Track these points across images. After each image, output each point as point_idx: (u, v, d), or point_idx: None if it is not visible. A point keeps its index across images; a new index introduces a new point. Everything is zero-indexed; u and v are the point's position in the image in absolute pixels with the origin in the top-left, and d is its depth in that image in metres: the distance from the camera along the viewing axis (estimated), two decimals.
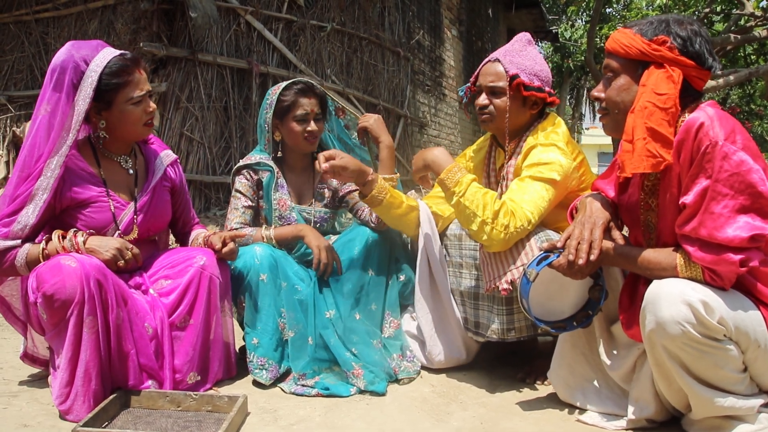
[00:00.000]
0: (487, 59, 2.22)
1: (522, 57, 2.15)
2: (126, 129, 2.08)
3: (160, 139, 2.35)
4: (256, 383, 2.16)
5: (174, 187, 2.30)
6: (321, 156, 2.14)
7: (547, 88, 2.16)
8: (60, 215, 2.04)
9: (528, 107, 2.17)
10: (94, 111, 2.03)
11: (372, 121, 2.45)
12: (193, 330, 2.06)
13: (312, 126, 2.38)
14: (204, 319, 2.07)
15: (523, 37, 2.23)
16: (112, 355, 1.90)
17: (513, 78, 2.11)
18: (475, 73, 2.24)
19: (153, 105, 2.11)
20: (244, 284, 2.19)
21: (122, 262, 1.97)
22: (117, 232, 2.08)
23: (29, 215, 1.94)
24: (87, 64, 1.97)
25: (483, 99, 2.18)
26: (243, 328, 2.24)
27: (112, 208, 2.07)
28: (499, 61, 2.16)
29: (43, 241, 1.95)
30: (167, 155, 2.29)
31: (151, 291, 2.08)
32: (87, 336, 1.83)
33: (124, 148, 2.16)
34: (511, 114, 2.15)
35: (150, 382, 1.97)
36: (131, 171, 2.16)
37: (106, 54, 2.00)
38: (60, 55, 1.99)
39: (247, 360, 2.17)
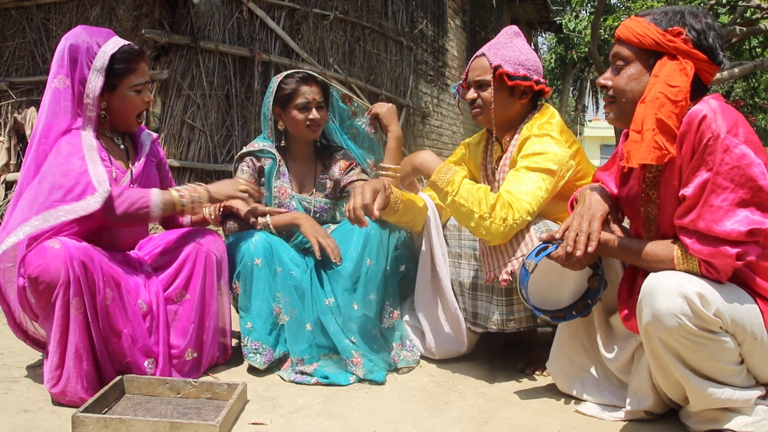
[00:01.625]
0: (474, 55, 2.23)
1: (507, 48, 2.16)
2: (124, 114, 2.13)
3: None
4: (252, 369, 2.17)
5: (159, 163, 2.36)
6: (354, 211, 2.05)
7: (535, 76, 2.15)
8: None
9: (516, 97, 2.16)
10: (100, 92, 2.08)
11: (385, 109, 2.52)
12: (189, 305, 2.09)
13: (314, 114, 2.38)
14: (200, 294, 2.10)
15: (510, 29, 2.23)
16: (104, 335, 1.91)
17: (496, 69, 2.11)
18: (465, 70, 2.26)
19: (150, 96, 2.18)
20: (239, 269, 2.21)
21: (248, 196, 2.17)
22: None
23: (99, 171, 1.97)
24: (99, 47, 2.06)
25: (471, 93, 2.20)
26: (239, 313, 2.25)
27: (114, 174, 2.11)
28: (484, 55, 2.17)
29: (172, 189, 2.08)
30: (149, 134, 2.35)
31: (145, 267, 2.11)
32: (75, 317, 1.84)
33: (116, 129, 2.22)
34: (500, 105, 2.15)
35: (146, 362, 1.99)
36: (122, 147, 2.22)
37: (117, 41, 2.10)
38: (74, 36, 2.06)
39: (242, 344, 2.18)
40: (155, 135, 2.37)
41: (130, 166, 2.20)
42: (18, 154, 4.63)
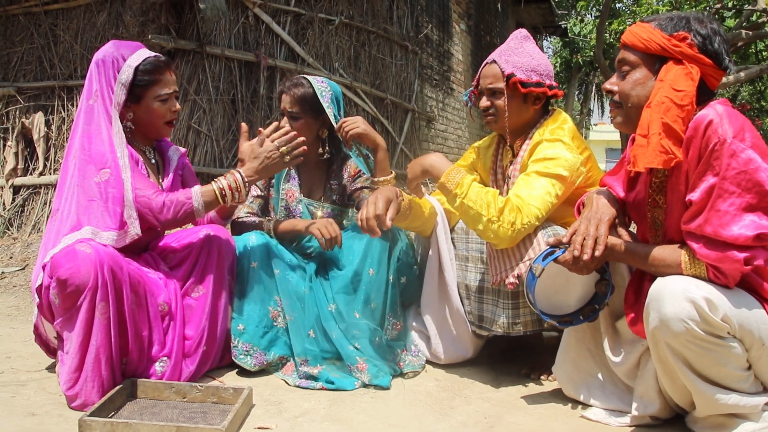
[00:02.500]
0: (485, 61, 2.22)
1: (518, 54, 2.15)
2: (151, 123, 2.20)
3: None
4: (258, 373, 2.17)
5: (186, 175, 2.41)
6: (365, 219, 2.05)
7: (547, 81, 2.15)
8: None
9: (530, 103, 2.16)
10: (125, 104, 2.15)
11: (363, 125, 2.30)
12: (204, 299, 2.14)
13: (283, 122, 2.39)
14: (214, 288, 2.15)
15: (519, 33, 2.22)
16: (127, 342, 1.95)
17: (509, 77, 2.11)
18: (476, 76, 2.25)
19: (178, 105, 2.24)
20: (236, 271, 2.22)
21: (287, 158, 2.11)
22: None
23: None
24: (124, 60, 2.12)
25: (484, 101, 2.19)
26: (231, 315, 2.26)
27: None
28: (495, 62, 2.16)
29: (213, 182, 2.09)
30: (177, 149, 2.41)
31: (162, 266, 2.17)
32: (99, 321, 1.87)
33: (148, 141, 2.29)
34: (514, 112, 2.14)
35: (159, 363, 2.03)
36: (153, 161, 2.29)
37: (142, 53, 2.16)
38: (102, 51, 2.15)
39: (232, 345, 2.18)
40: (183, 150, 2.43)
41: (160, 180, 2.27)
42: (26, 159, 4.66)
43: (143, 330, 2.00)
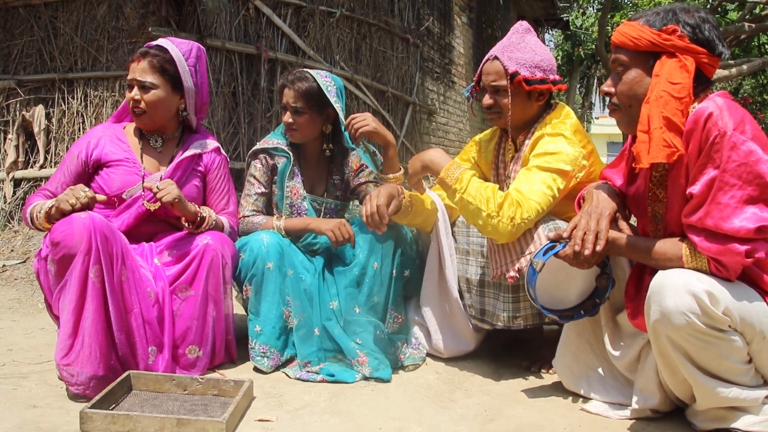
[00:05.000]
0: (486, 57, 2.18)
1: (521, 50, 2.11)
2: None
3: (210, 133, 2.44)
4: (257, 369, 2.17)
5: (207, 174, 2.34)
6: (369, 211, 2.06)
7: (551, 77, 2.12)
8: (89, 178, 2.21)
9: (534, 99, 2.14)
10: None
11: (373, 123, 2.22)
12: (193, 301, 2.09)
13: (287, 117, 2.35)
14: (204, 292, 2.10)
15: (520, 27, 2.18)
16: (117, 309, 1.92)
17: (513, 76, 2.08)
18: (478, 72, 2.22)
19: (133, 95, 2.18)
20: (251, 272, 2.19)
21: (75, 201, 1.94)
22: (140, 197, 2.19)
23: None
24: None
25: (487, 99, 2.16)
26: (248, 316, 2.26)
27: (143, 173, 2.20)
28: (497, 58, 2.13)
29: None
30: (209, 143, 2.36)
31: (155, 261, 2.13)
32: (93, 285, 1.87)
33: (153, 129, 2.28)
34: (518, 109, 2.13)
35: (151, 348, 2.01)
36: (159, 150, 2.28)
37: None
38: None
39: (249, 347, 2.18)
40: (215, 146, 2.35)
41: (162, 168, 2.26)
42: (27, 152, 4.65)
43: (133, 306, 1.97)
